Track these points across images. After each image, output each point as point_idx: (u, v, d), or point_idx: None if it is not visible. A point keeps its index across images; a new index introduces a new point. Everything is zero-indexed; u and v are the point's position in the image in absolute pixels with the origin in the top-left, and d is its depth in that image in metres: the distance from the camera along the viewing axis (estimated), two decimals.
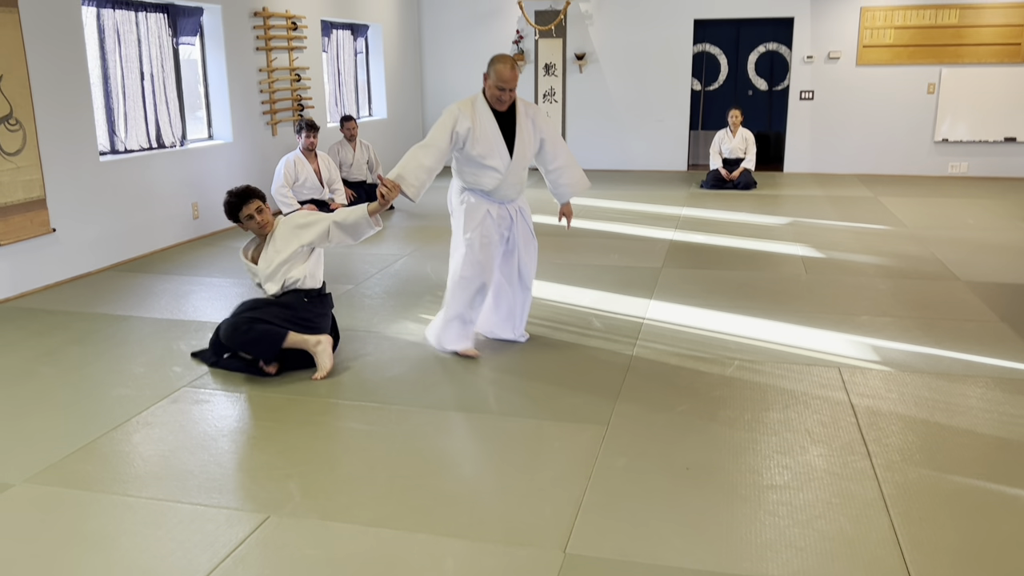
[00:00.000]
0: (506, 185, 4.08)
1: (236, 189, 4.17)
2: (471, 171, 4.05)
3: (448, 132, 3.94)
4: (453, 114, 3.97)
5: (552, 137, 4.22)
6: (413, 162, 3.91)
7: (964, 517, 2.74)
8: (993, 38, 10.01)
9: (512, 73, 3.89)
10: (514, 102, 4.05)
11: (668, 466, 3.09)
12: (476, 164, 4.01)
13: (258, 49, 7.76)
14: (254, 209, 4.11)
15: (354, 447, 3.25)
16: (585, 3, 10.94)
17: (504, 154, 4.02)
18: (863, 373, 3.98)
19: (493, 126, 4.00)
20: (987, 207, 8.32)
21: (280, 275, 4.07)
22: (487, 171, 4.02)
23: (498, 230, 4.12)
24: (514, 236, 4.21)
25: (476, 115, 3.98)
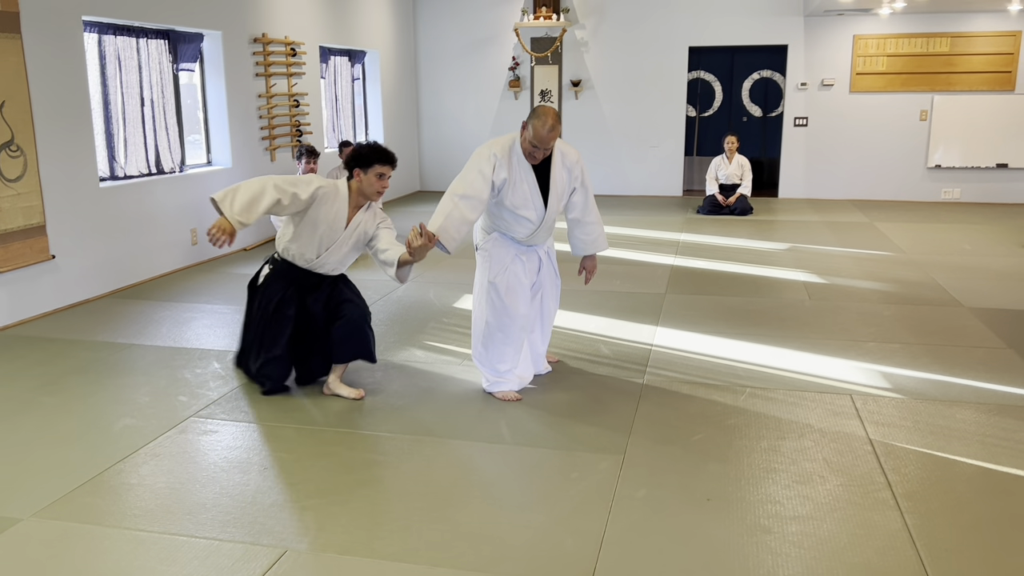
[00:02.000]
0: (539, 233, 3.93)
1: (383, 147, 3.90)
2: (504, 218, 3.88)
3: (488, 182, 3.72)
4: (491, 161, 3.73)
5: (584, 187, 4.00)
6: (457, 215, 3.68)
7: (991, 548, 2.71)
8: (984, 66, 10.15)
9: (550, 134, 3.66)
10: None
11: (688, 497, 3.05)
12: (510, 213, 3.84)
13: (257, 75, 7.76)
14: (389, 172, 3.87)
15: (368, 479, 3.20)
16: (581, 30, 11.02)
17: (539, 205, 3.84)
18: (876, 401, 3.96)
19: (530, 176, 3.80)
20: (982, 232, 8.38)
21: (349, 256, 3.97)
22: (521, 220, 3.85)
23: (526, 274, 3.97)
24: (540, 279, 4.08)
25: (512, 164, 3.77)
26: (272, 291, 3.99)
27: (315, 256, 3.92)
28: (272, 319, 3.97)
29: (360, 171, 3.83)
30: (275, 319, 3.97)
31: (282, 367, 4.03)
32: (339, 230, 3.87)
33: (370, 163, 3.81)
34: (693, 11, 10.67)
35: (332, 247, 3.89)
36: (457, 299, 5.84)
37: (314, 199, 3.79)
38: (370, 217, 3.95)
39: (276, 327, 3.97)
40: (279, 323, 3.97)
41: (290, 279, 4.00)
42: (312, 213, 3.83)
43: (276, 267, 4.03)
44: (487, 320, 3.96)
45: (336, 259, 3.96)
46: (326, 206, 3.83)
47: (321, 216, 3.83)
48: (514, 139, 3.82)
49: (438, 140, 11.77)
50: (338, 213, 3.86)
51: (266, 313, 3.98)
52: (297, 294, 3.99)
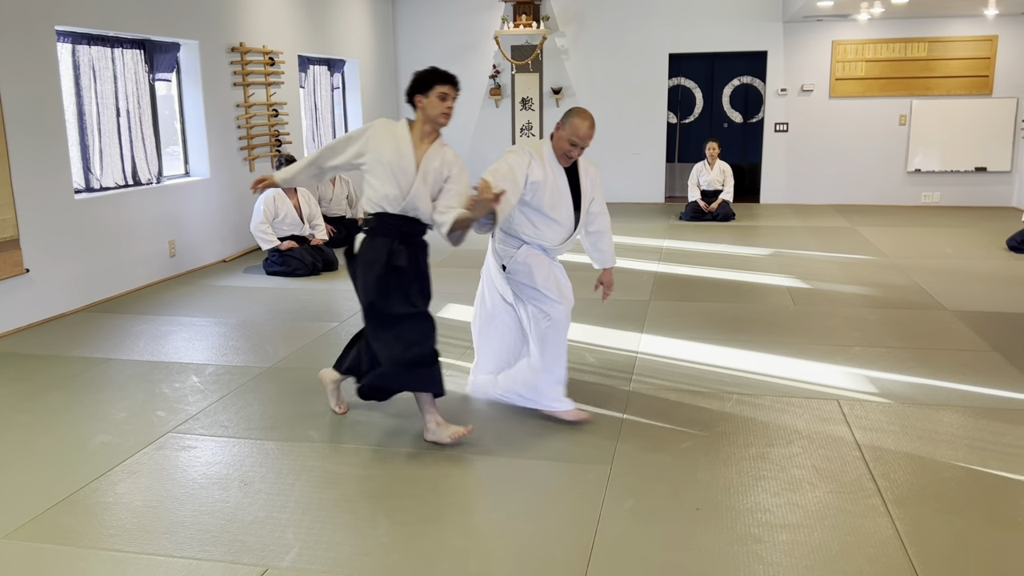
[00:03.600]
0: (569, 241, 3.84)
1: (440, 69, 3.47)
2: (534, 223, 3.73)
3: (523, 175, 3.58)
4: (525, 158, 3.61)
5: (600, 199, 3.93)
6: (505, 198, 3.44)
7: (983, 553, 2.68)
8: (962, 71, 10.23)
9: (590, 131, 3.60)
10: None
11: (677, 507, 3.01)
12: (542, 216, 3.71)
13: (235, 84, 7.68)
14: (453, 93, 3.43)
15: (352, 493, 3.13)
16: (561, 38, 11.02)
17: (570, 208, 3.75)
18: (863, 406, 3.94)
19: (562, 178, 3.71)
20: (963, 236, 8.43)
21: (424, 198, 3.42)
22: (552, 224, 3.72)
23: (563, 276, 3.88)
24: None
25: (545, 165, 3.66)
26: (373, 253, 3.44)
27: (398, 193, 3.40)
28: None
29: (421, 97, 3.40)
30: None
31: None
32: (410, 168, 3.39)
33: (430, 85, 3.39)
34: (673, 18, 10.69)
35: (412, 190, 3.39)
36: (440, 309, 5.78)
37: (366, 136, 3.46)
38: (445, 155, 3.48)
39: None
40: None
41: (390, 232, 3.46)
42: (373, 150, 3.43)
43: (370, 225, 3.49)
44: (544, 334, 3.74)
45: (419, 197, 3.41)
46: (382, 139, 3.43)
47: (383, 151, 3.41)
48: (543, 143, 3.73)
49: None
50: (400, 147, 3.41)
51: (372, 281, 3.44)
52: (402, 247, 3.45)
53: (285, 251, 6.87)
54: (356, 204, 8.39)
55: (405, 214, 3.45)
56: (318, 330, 5.29)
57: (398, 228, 3.47)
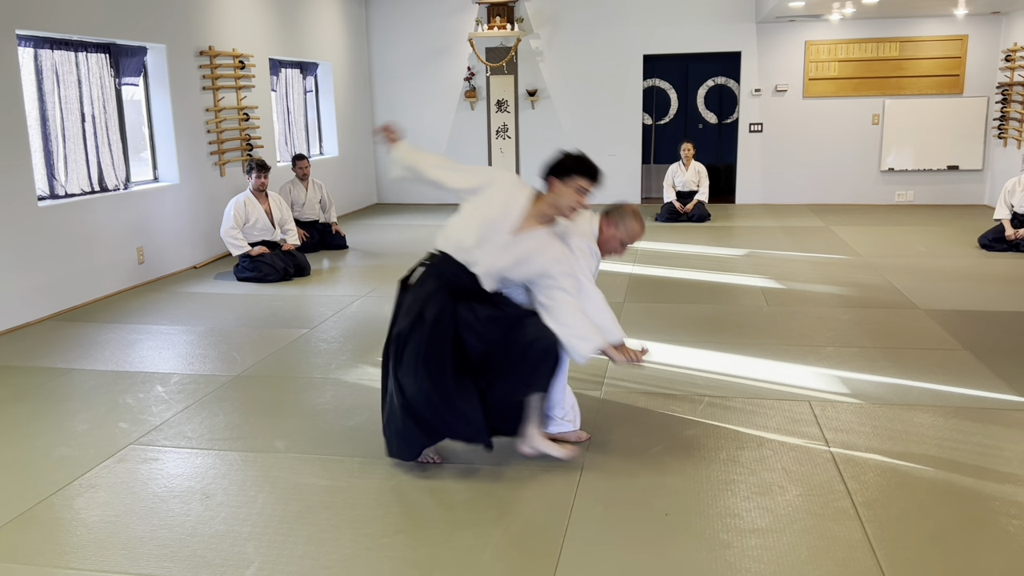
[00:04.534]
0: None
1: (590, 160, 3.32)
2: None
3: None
4: (588, 239, 3.53)
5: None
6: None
7: (951, 555, 2.67)
8: (933, 70, 10.30)
9: (642, 234, 3.62)
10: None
11: (646, 513, 2.97)
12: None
13: (205, 88, 7.58)
14: (591, 189, 3.28)
15: (316, 505, 3.06)
16: (535, 40, 10.99)
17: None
18: (834, 407, 3.93)
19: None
20: (936, 234, 8.48)
21: (506, 270, 3.21)
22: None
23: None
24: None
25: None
26: (423, 292, 3.19)
27: (473, 244, 3.18)
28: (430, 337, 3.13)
29: (557, 180, 3.21)
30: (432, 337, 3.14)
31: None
32: (504, 228, 3.16)
33: (570, 173, 3.22)
34: (647, 19, 10.69)
35: (490, 245, 3.16)
36: None
37: (491, 180, 3.30)
38: (553, 244, 3.24)
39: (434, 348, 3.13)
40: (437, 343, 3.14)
41: (443, 277, 3.20)
42: (486, 197, 3.24)
43: (431, 262, 3.27)
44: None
45: (490, 262, 3.17)
46: (500, 193, 3.22)
47: (492, 204, 3.20)
48: (592, 231, 3.54)
49: None
50: (510, 205, 3.18)
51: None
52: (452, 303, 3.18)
53: (256, 257, 6.79)
54: (329, 208, 8.31)
55: (466, 266, 3.19)
56: (288, 337, 5.22)
57: (455, 277, 3.19)
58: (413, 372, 3.11)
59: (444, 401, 3.11)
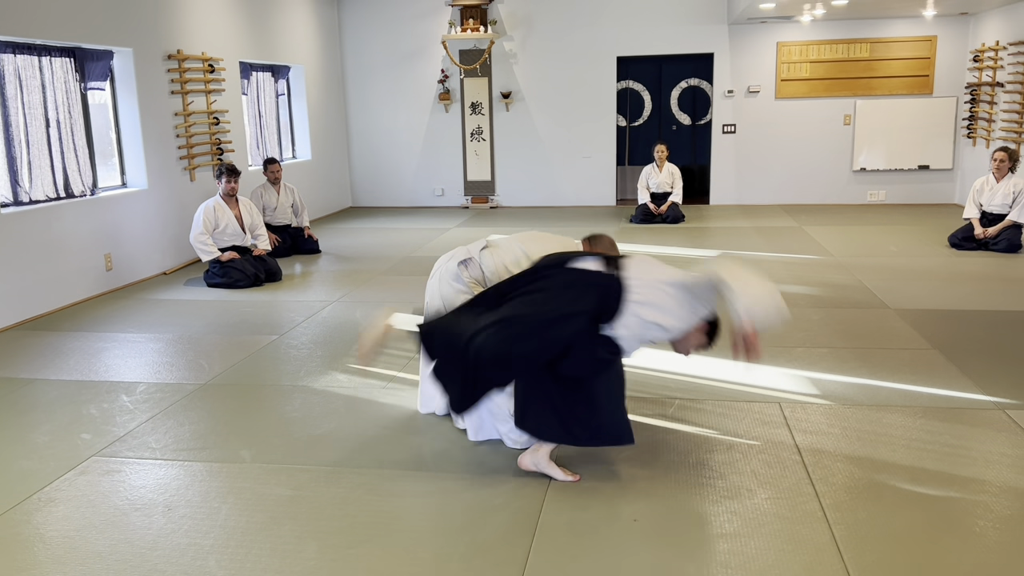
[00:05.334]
0: None
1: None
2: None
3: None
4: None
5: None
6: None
7: (916, 555, 2.67)
8: (903, 71, 10.40)
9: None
10: None
11: (615, 519, 2.95)
12: None
13: (173, 92, 7.49)
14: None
15: (281, 516, 3.02)
16: (509, 42, 10.97)
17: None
18: (804, 408, 3.93)
19: None
20: (907, 233, 8.54)
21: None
22: None
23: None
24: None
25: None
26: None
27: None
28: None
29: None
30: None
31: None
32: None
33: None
34: (619, 21, 10.71)
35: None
36: (388, 317, 5.66)
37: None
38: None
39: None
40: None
41: None
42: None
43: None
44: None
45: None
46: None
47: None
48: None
49: (369, 155, 11.58)
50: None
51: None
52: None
53: (226, 262, 6.71)
54: (301, 213, 8.24)
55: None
56: (257, 344, 5.15)
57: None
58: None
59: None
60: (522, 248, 3.57)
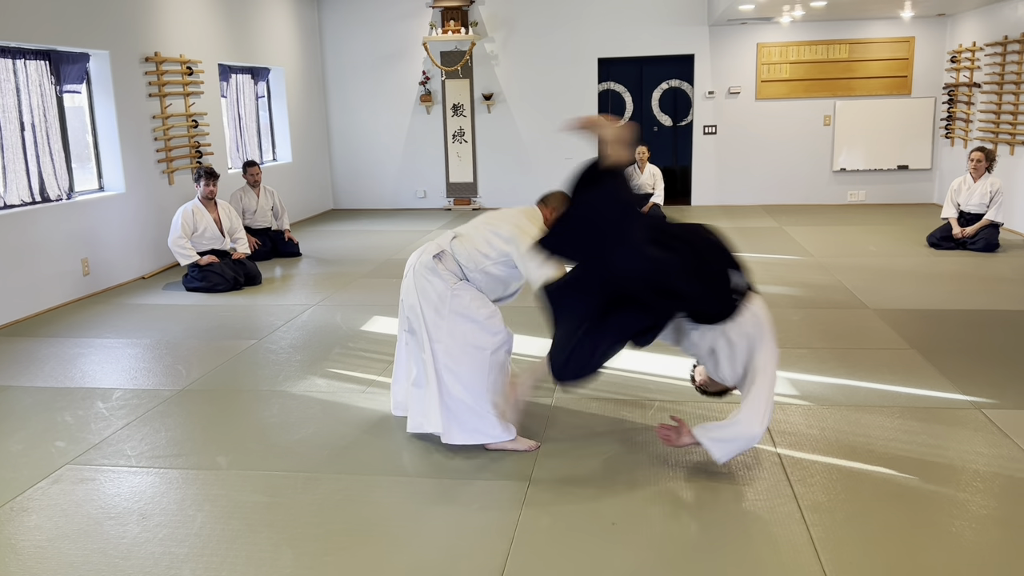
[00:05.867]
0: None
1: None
2: (507, 286, 3.62)
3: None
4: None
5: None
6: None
7: (894, 556, 2.68)
8: (882, 71, 10.47)
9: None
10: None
11: (594, 522, 2.95)
12: (519, 280, 3.63)
13: (151, 95, 7.42)
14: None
15: (257, 523, 2.99)
16: (490, 44, 10.96)
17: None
18: (783, 409, 3.94)
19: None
20: (886, 233, 8.60)
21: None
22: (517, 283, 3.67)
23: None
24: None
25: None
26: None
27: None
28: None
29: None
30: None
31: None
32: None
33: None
34: (600, 23, 10.72)
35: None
36: (365, 322, 5.65)
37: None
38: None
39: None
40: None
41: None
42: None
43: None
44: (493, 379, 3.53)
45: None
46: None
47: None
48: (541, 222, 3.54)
49: (350, 157, 11.54)
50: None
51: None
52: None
53: (205, 266, 6.66)
54: (282, 216, 8.19)
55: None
56: (236, 348, 5.11)
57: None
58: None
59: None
60: (489, 229, 3.52)
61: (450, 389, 3.44)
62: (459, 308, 3.45)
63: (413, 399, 3.63)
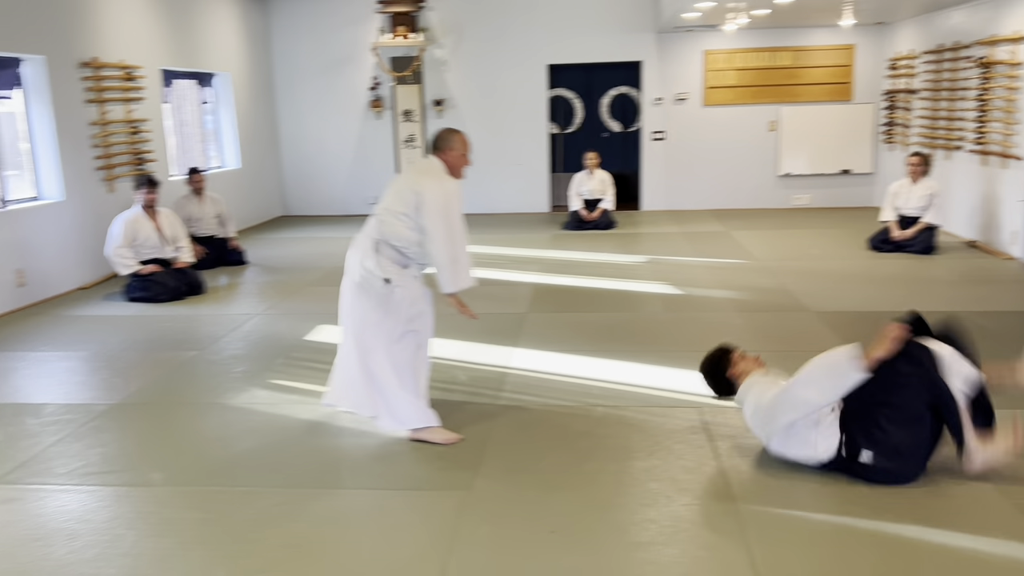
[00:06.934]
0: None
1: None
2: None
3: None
4: (459, 195, 3.74)
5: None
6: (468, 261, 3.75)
7: (826, 558, 2.72)
8: (824, 78, 10.69)
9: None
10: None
11: (533, 530, 2.94)
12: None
13: (89, 101, 7.25)
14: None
15: (189, 540, 2.93)
16: (440, 49, 10.94)
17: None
18: (724, 413, 3.98)
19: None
20: (829, 236, 8.77)
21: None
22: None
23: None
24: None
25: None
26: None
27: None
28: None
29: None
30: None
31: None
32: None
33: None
34: (550, 29, 10.77)
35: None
36: (310, 331, 5.58)
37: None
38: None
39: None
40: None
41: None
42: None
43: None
44: (411, 358, 3.74)
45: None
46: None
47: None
48: (441, 168, 3.73)
49: (300, 163, 11.42)
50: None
51: None
52: None
53: (147, 275, 6.52)
54: (227, 223, 8.06)
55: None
56: (176, 360, 5.01)
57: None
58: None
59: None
60: (386, 206, 3.70)
61: (377, 373, 3.64)
62: (392, 302, 3.64)
63: (338, 375, 3.79)
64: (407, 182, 3.72)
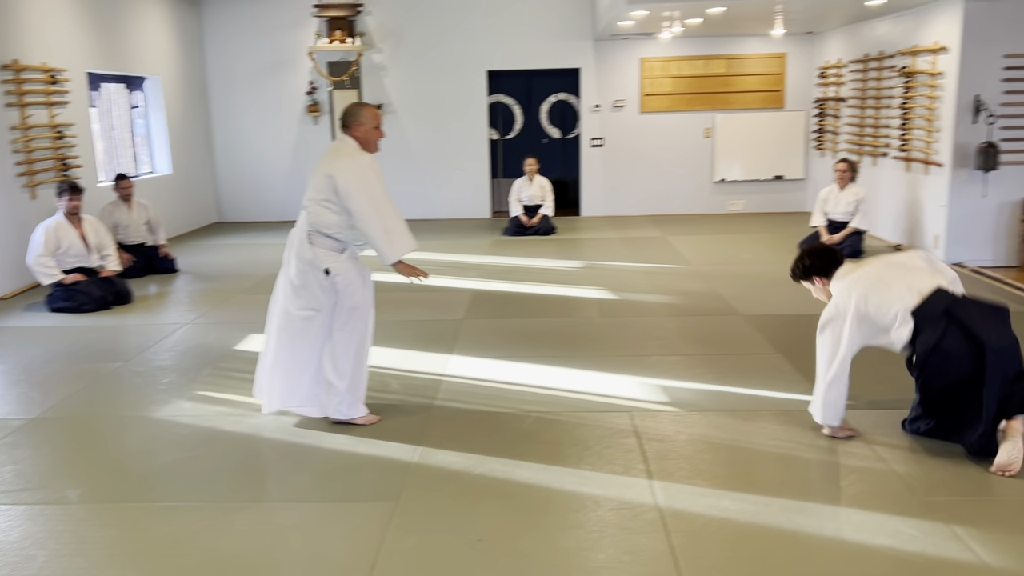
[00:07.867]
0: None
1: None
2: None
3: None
4: (375, 167, 3.80)
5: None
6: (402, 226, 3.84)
7: (749, 561, 2.76)
8: (757, 86, 10.92)
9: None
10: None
11: (461, 540, 2.92)
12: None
13: (9, 105, 7.00)
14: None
15: (103, 560, 2.83)
16: (378, 54, 10.86)
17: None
18: (654, 416, 4.03)
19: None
20: (761, 241, 8.95)
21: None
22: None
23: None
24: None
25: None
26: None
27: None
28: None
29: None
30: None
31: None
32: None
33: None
34: (489, 35, 10.78)
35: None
36: (240, 340, 5.47)
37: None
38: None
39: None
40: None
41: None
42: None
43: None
44: (357, 345, 3.88)
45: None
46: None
47: None
48: (351, 145, 3.81)
49: (235, 168, 11.21)
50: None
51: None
52: None
53: (70, 285, 6.32)
54: (157, 230, 7.87)
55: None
56: (98, 372, 4.86)
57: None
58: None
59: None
60: (310, 195, 3.83)
61: (313, 365, 3.84)
62: (334, 292, 3.79)
63: (279, 379, 3.89)
64: (322, 167, 3.77)
